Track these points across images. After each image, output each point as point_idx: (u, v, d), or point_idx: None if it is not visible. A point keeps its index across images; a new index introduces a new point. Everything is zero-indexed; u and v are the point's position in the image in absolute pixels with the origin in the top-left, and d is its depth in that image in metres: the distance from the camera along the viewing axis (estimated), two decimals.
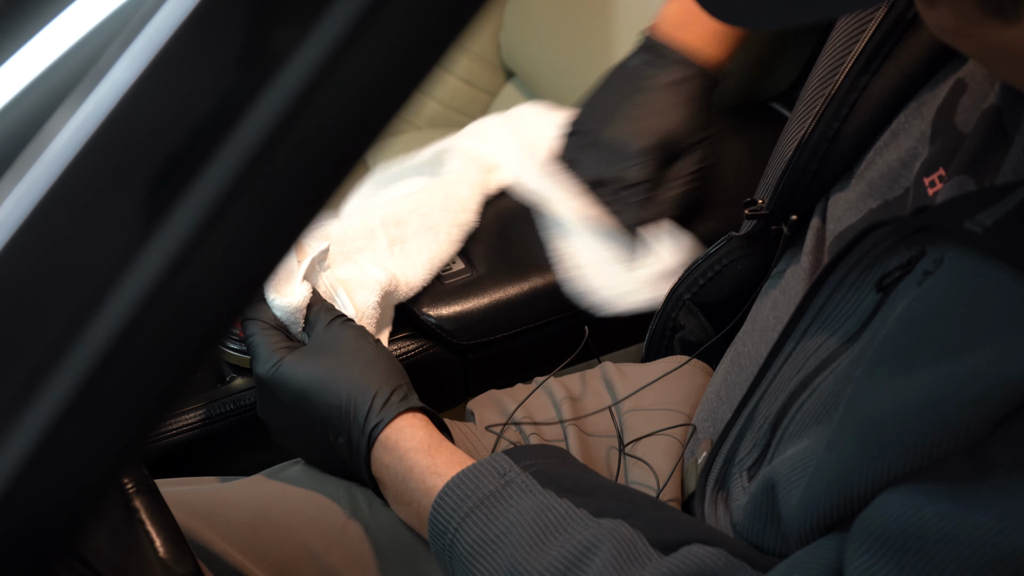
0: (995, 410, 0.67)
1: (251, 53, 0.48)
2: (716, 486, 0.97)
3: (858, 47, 0.99)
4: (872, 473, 0.73)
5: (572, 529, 0.85)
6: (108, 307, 0.48)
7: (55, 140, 0.49)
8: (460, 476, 0.91)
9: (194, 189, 0.48)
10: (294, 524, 1.05)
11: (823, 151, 1.02)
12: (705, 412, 1.06)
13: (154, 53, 0.47)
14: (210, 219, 0.48)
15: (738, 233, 1.13)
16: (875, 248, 0.85)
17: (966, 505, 0.68)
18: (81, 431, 0.50)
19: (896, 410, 0.71)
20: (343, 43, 0.48)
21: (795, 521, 0.81)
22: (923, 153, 0.90)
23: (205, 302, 0.50)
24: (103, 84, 0.48)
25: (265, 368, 1.06)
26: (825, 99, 1.01)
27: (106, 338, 0.48)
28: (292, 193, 0.50)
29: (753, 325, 1.05)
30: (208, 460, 1.19)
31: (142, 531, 0.82)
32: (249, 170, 0.48)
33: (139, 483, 0.85)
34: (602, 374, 1.18)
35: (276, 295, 1.10)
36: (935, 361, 0.70)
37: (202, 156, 0.48)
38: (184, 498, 1.04)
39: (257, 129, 0.48)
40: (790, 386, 0.90)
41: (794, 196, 1.05)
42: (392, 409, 1.00)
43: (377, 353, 1.05)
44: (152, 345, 0.49)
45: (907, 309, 0.75)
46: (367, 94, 0.50)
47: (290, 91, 0.48)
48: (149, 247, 0.48)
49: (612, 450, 1.10)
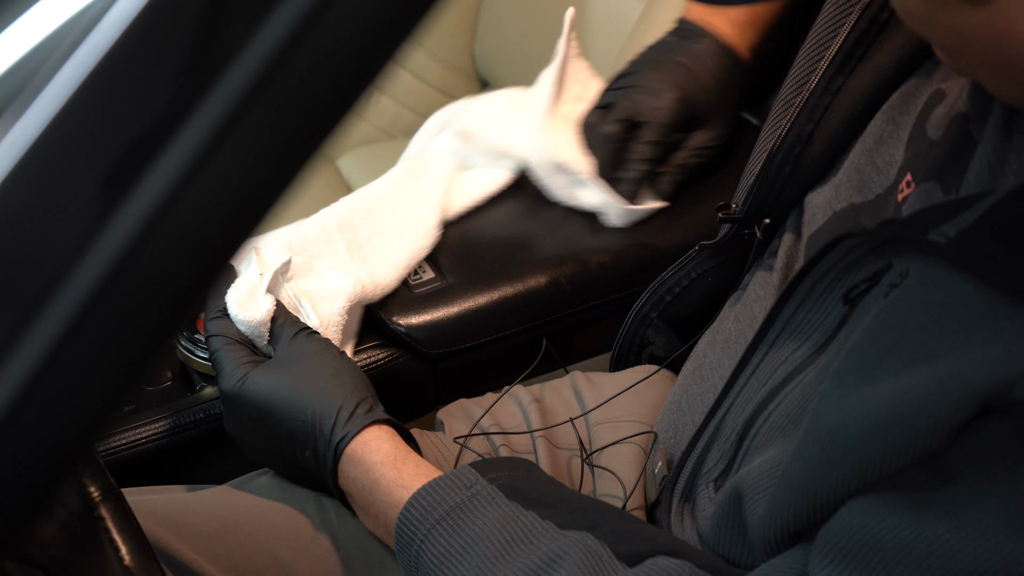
0: (955, 418, 0.68)
1: (204, 47, 0.49)
2: (682, 497, 0.98)
3: (832, 50, 0.99)
4: (835, 482, 0.73)
5: (537, 541, 0.86)
6: (62, 293, 0.49)
7: (15, 128, 0.49)
8: (426, 488, 0.91)
9: (150, 176, 0.48)
10: (262, 534, 1.05)
11: (797, 153, 1.02)
12: (665, 422, 1.06)
13: (106, 52, 0.48)
14: (168, 200, 0.49)
15: (710, 242, 1.13)
16: (842, 260, 0.86)
17: (925, 516, 0.68)
18: (39, 410, 0.50)
19: (859, 419, 0.72)
20: (292, 38, 0.48)
21: (761, 530, 0.81)
22: (898, 160, 0.91)
23: (162, 286, 0.51)
24: (60, 77, 0.49)
25: (230, 383, 1.05)
26: (799, 102, 1.01)
27: (62, 321, 0.49)
28: (252, 175, 0.51)
29: (716, 336, 1.06)
30: (177, 469, 1.18)
31: (106, 539, 0.81)
32: (205, 155, 0.49)
33: (105, 491, 0.84)
34: (571, 383, 1.18)
35: (239, 310, 1.10)
36: (899, 371, 0.71)
37: (157, 143, 0.48)
38: (152, 507, 1.04)
39: (211, 119, 0.48)
40: (757, 397, 0.90)
41: (767, 200, 1.05)
42: (357, 422, 1.00)
43: (341, 365, 1.05)
44: (107, 328, 0.50)
45: (873, 320, 0.76)
46: (321, 88, 0.50)
47: (241, 85, 0.48)
48: (107, 229, 0.48)
49: (579, 460, 1.10)
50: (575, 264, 1.31)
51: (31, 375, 0.50)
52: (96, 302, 0.49)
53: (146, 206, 0.49)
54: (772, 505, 0.80)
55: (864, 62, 0.98)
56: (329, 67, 0.50)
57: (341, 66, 0.50)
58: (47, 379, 0.50)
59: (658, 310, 1.18)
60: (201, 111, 0.48)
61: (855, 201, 0.93)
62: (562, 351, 1.33)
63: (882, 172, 0.92)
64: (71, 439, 0.53)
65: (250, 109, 0.49)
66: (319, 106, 0.50)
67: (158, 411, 1.18)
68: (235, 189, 0.50)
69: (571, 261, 1.31)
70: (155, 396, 1.19)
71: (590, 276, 1.31)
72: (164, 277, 0.51)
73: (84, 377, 0.51)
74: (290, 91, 0.49)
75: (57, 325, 0.49)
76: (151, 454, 1.16)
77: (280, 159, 0.51)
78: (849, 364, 0.75)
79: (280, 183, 0.52)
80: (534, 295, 1.29)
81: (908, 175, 0.86)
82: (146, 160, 0.48)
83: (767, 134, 1.05)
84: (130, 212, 0.49)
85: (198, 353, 1.19)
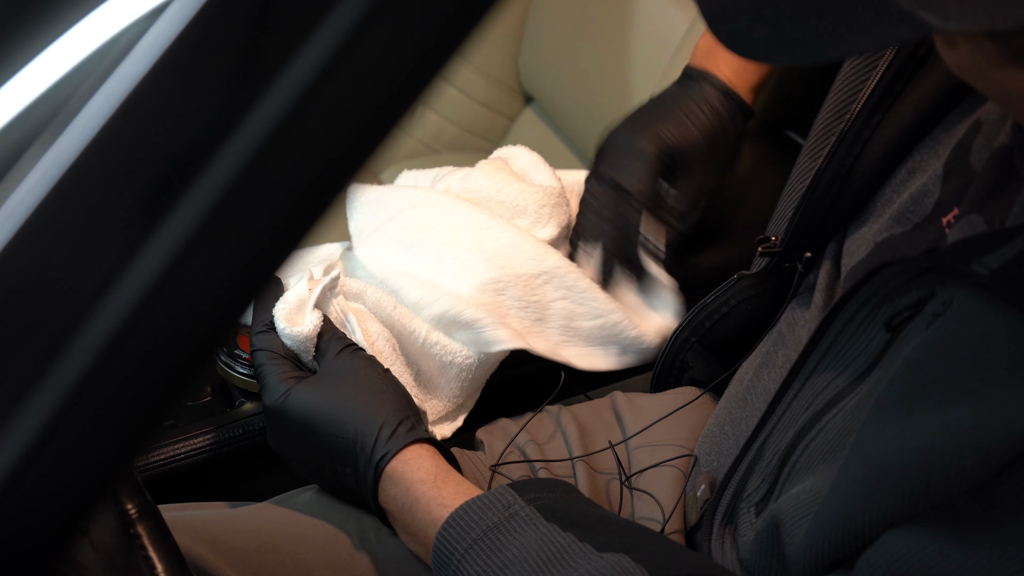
0: (1000, 457, 0.67)
1: (247, 64, 0.48)
2: (724, 520, 0.97)
3: (871, 83, 0.98)
4: (874, 514, 0.73)
5: (575, 562, 0.85)
6: (103, 310, 0.49)
7: (54, 148, 0.49)
8: (464, 507, 0.91)
9: (189, 197, 0.48)
10: (301, 552, 1.05)
11: (837, 187, 1.01)
12: (707, 445, 1.06)
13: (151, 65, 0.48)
14: (207, 222, 0.48)
15: (749, 272, 1.12)
16: (884, 287, 0.85)
17: (969, 546, 0.68)
18: (76, 431, 0.50)
19: (899, 453, 0.71)
20: (338, 53, 0.48)
21: (799, 559, 0.81)
22: (935, 191, 0.90)
23: (198, 307, 0.50)
24: (96, 101, 0.49)
25: (273, 398, 1.05)
26: (838, 135, 1.00)
27: (99, 342, 0.49)
28: (291, 194, 0.50)
29: (760, 361, 1.05)
30: (216, 485, 1.18)
31: (142, 557, 0.81)
32: (250, 171, 0.48)
33: (142, 508, 0.84)
34: (612, 404, 1.18)
35: (287, 324, 1.10)
36: (940, 406, 0.70)
37: (199, 164, 0.48)
38: (191, 523, 1.04)
39: (255, 134, 0.48)
40: (799, 423, 0.90)
41: (808, 233, 1.05)
42: (399, 440, 1.00)
43: (385, 383, 1.05)
44: (144, 349, 0.50)
45: (914, 351, 0.75)
46: (366, 105, 0.50)
47: (285, 101, 0.48)
48: (145, 251, 0.48)
49: (618, 483, 1.09)
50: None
51: (66, 398, 0.50)
52: (134, 321, 0.49)
53: (187, 224, 0.48)
54: (811, 535, 0.79)
55: (902, 97, 0.98)
56: (374, 85, 0.49)
57: (387, 83, 0.50)
58: (83, 400, 0.50)
59: (698, 335, 1.17)
60: (245, 128, 0.48)
61: (895, 232, 0.92)
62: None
63: (918, 203, 0.91)
64: (107, 461, 0.52)
65: (294, 125, 0.48)
66: (363, 123, 0.50)
67: (197, 426, 1.18)
68: (279, 206, 0.50)
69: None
70: (194, 411, 1.20)
71: None
72: (202, 299, 0.51)
73: (120, 399, 0.51)
74: (334, 107, 0.49)
75: (94, 346, 0.49)
76: (190, 470, 1.16)
77: (323, 176, 0.51)
78: (889, 396, 0.75)
79: (323, 201, 0.51)
80: None
81: (955, 208, 0.85)
82: (191, 175, 0.48)
83: (806, 161, 1.04)
84: (171, 230, 0.48)
85: (238, 369, 1.19)
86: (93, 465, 0.52)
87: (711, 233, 1.36)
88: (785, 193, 1.08)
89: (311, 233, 0.52)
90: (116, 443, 0.52)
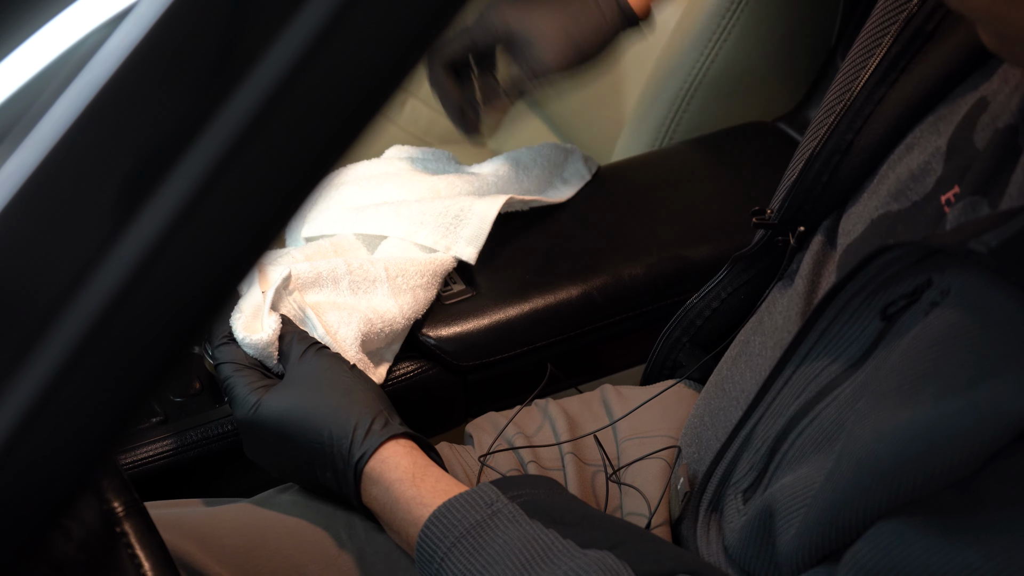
0: (990, 445, 0.66)
1: (223, 54, 0.48)
2: (710, 507, 0.97)
3: (875, 59, 0.97)
4: (864, 505, 0.72)
5: (558, 560, 0.85)
6: (81, 299, 0.48)
7: (30, 139, 0.49)
8: (447, 505, 0.90)
9: (167, 186, 0.48)
10: (289, 548, 1.04)
11: (836, 162, 1.00)
12: (688, 437, 1.05)
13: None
14: (187, 211, 0.48)
15: (743, 251, 1.12)
16: (880, 274, 0.84)
17: (955, 541, 0.67)
18: (55, 422, 0.50)
19: (893, 445, 0.71)
20: (318, 40, 0.47)
21: (790, 551, 0.80)
22: (937, 169, 0.89)
23: (179, 297, 0.50)
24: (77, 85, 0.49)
25: (244, 411, 1.04)
26: (840, 111, 0.99)
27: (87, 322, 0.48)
28: (271, 183, 0.50)
29: (738, 350, 1.04)
30: (205, 481, 1.18)
31: (128, 555, 0.81)
32: (226, 162, 0.48)
33: (128, 506, 0.84)
34: (602, 396, 1.17)
35: (245, 333, 1.09)
36: (937, 397, 0.69)
37: (177, 150, 0.48)
38: (178, 521, 1.03)
39: (232, 124, 0.48)
40: (790, 410, 0.89)
41: (803, 207, 1.04)
42: (374, 439, 0.99)
43: (353, 381, 1.04)
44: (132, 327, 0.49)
45: (912, 341, 0.74)
46: (343, 94, 0.49)
47: (262, 91, 0.47)
48: (124, 241, 0.48)
49: (606, 477, 1.09)
50: (607, 276, 1.30)
51: (44, 389, 0.49)
52: (113, 310, 0.49)
53: (165, 213, 0.48)
54: (803, 527, 0.79)
55: (907, 73, 0.96)
56: (353, 74, 0.49)
57: (367, 72, 0.49)
58: (60, 391, 0.49)
59: (689, 334, 1.17)
60: (222, 117, 0.48)
61: (891, 209, 0.91)
62: (593, 363, 1.32)
63: (919, 180, 0.90)
64: (87, 452, 0.52)
65: (274, 113, 0.48)
66: (341, 113, 0.50)
67: (186, 422, 1.17)
68: (257, 193, 0.50)
69: (602, 273, 1.30)
70: (183, 407, 1.19)
71: (622, 288, 1.30)
72: (182, 288, 0.50)
73: (99, 390, 0.50)
74: (311, 98, 0.48)
75: (73, 335, 0.49)
76: (178, 466, 1.16)
77: (303, 163, 0.50)
78: (886, 387, 0.74)
79: (303, 189, 0.51)
80: (565, 307, 1.28)
81: (956, 187, 0.85)
82: (166, 166, 0.48)
83: (809, 136, 1.04)
84: (149, 218, 0.48)
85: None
86: (72, 456, 0.51)
87: (704, 227, 1.36)
88: (787, 170, 1.07)
89: (290, 222, 0.51)
90: (96, 433, 0.51)
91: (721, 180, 1.45)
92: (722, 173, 1.46)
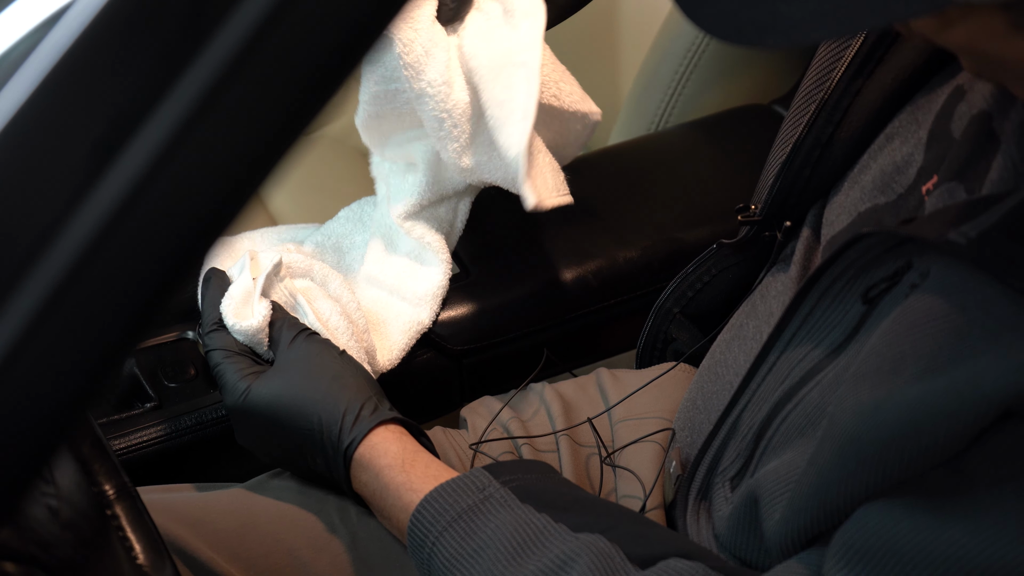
0: (971, 426, 0.66)
1: (185, 23, 0.48)
2: (699, 495, 0.96)
3: (850, 51, 0.97)
4: (850, 488, 0.72)
5: (549, 544, 0.84)
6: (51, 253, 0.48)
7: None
8: (439, 490, 0.90)
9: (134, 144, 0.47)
10: (281, 532, 1.04)
11: (816, 156, 1.00)
12: (682, 420, 1.05)
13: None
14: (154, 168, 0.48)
15: (729, 241, 1.12)
16: (861, 258, 0.84)
17: (942, 519, 0.67)
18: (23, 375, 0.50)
19: (875, 425, 0.70)
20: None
21: (777, 535, 0.80)
22: (918, 159, 0.89)
23: (149, 256, 0.49)
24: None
25: (234, 398, 1.04)
26: (818, 104, 0.99)
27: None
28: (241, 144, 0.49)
29: (732, 333, 1.04)
30: (199, 466, 1.18)
31: (118, 538, 0.81)
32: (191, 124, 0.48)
33: (119, 489, 0.84)
34: (597, 380, 1.17)
35: (236, 319, 1.08)
36: (917, 377, 0.69)
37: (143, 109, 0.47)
38: (170, 505, 1.03)
39: (194, 91, 0.47)
40: (774, 397, 0.89)
41: (787, 202, 1.04)
42: (363, 425, 0.99)
43: (342, 367, 1.04)
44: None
45: (892, 323, 0.74)
46: (306, 61, 0.49)
47: (222, 58, 0.47)
48: (92, 197, 0.48)
49: (599, 460, 1.09)
50: (601, 259, 1.30)
51: (12, 344, 0.49)
52: (83, 265, 0.48)
53: (138, 164, 0.48)
54: (788, 510, 0.79)
55: (883, 64, 0.96)
56: (320, 36, 0.48)
57: (331, 31, 0.48)
58: (29, 347, 0.49)
59: (680, 305, 1.17)
60: (184, 82, 0.47)
61: (879, 202, 0.91)
62: (588, 347, 1.32)
63: (903, 172, 0.90)
64: (60, 405, 0.51)
65: (239, 75, 0.47)
66: (311, 76, 0.49)
67: (180, 407, 1.17)
68: (225, 155, 0.49)
69: (597, 256, 1.30)
70: (178, 393, 1.19)
71: (616, 271, 1.30)
72: (150, 249, 0.49)
73: (69, 346, 0.50)
74: (279, 59, 0.48)
75: (43, 289, 0.49)
76: (173, 451, 1.16)
77: (274, 124, 0.49)
78: (866, 368, 0.74)
79: (274, 152, 0.50)
80: (560, 290, 1.28)
81: (935, 176, 0.85)
82: (130, 129, 0.47)
83: (787, 129, 1.04)
84: (116, 179, 0.48)
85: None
86: (54, 400, 0.51)
87: (700, 210, 1.36)
88: (768, 163, 1.07)
89: (263, 184, 0.51)
90: (73, 384, 0.51)
91: (717, 163, 1.44)
92: (718, 156, 1.46)
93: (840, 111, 0.98)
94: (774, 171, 1.04)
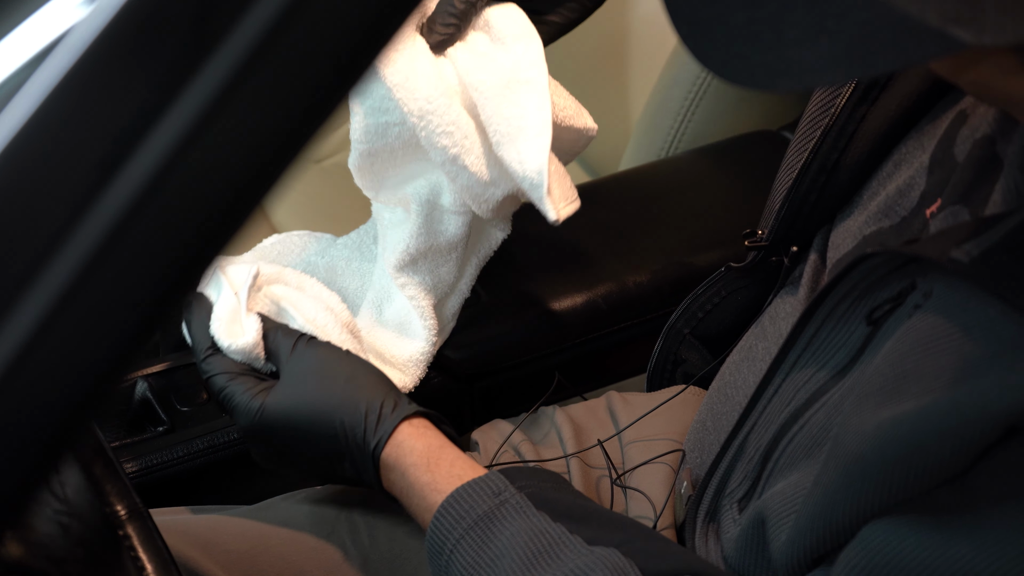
0: (976, 443, 0.67)
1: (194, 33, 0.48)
2: (707, 518, 0.97)
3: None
4: (855, 507, 0.73)
5: (565, 555, 0.85)
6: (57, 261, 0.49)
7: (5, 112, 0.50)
8: (454, 496, 0.90)
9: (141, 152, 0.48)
10: (293, 555, 1.04)
11: (822, 182, 1.01)
12: (692, 441, 1.05)
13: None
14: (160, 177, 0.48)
15: (737, 265, 1.12)
16: (864, 279, 0.84)
17: (947, 536, 0.67)
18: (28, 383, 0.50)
19: (880, 445, 0.71)
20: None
21: (784, 557, 0.80)
22: (920, 183, 0.89)
23: (156, 262, 0.50)
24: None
25: (248, 418, 1.02)
26: (823, 129, 1.00)
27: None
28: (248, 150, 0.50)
29: (741, 355, 1.04)
30: (211, 489, 1.18)
31: (129, 558, 0.81)
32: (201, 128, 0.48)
33: (131, 510, 0.84)
34: (607, 403, 1.17)
35: (229, 340, 1.05)
36: (920, 396, 0.70)
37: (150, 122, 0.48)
38: (183, 527, 1.04)
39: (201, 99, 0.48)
40: (780, 418, 0.89)
41: (794, 227, 1.04)
42: (387, 424, 0.98)
43: (352, 367, 1.03)
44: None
45: (896, 343, 0.75)
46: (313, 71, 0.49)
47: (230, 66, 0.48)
48: (97, 207, 0.48)
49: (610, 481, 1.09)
50: (611, 283, 1.30)
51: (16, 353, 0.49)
52: (92, 269, 0.49)
53: (142, 172, 0.48)
54: (795, 531, 0.79)
55: (887, 90, 0.97)
56: (332, 39, 0.49)
57: (335, 45, 0.49)
58: (35, 353, 0.49)
59: (691, 326, 1.17)
60: (191, 91, 0.48)
61: (883, 225, 0.92)
62: (599, 370, 1.32)
63: (905, 195, 0.91)
64: (65, 412, 0.52)
65: (248, 82, 0.48)
66: (316, 84, 0.49)
67: (193, 431, 1.18)
68: (239, 150, 0.49)
69: (607, 280, 1.30)
70: (190, 416, 1.19)
71: (626, 295, 1.30)
72: (153, 261, 0.50)
73: (73, 354, 0.50)
74: (286, 68, 0.48)
75: (49, 295, 0.49)
76: (185, 474, 1.16)
77: (283, 128, 0.50)
78: (870, 389, 0.74)
79: (284, 157, 0.50)
80: (570, 314, 1.28)
81: (938, 199, 0.85)
82: (132, 145, 0.48)
83: (793, 155, 1.04)
84: (123, 185, 0.48)
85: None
86: (60, 407, 0.51)
87: (710, 235, 1.36)
88: (774, 188, 1.08)
89: (275, 188, 0.51)
90: (72, 395, 0.51)
91: (727, 188, 1.45)
92: (728, 181, 1.46)
93: (845, 137, 0.99)
94: (780, 196, 1.05)
